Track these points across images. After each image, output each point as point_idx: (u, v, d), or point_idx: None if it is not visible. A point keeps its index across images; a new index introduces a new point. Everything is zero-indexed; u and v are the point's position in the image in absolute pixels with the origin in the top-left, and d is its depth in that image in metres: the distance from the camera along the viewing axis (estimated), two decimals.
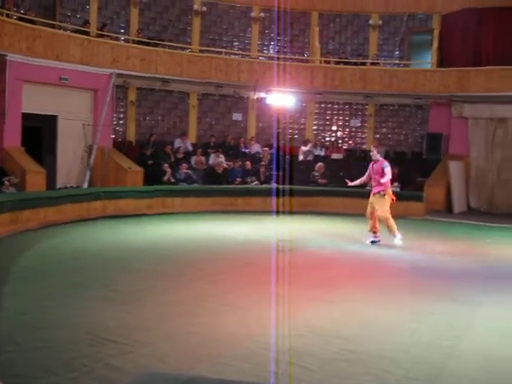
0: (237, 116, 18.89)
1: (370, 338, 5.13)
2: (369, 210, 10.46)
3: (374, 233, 10.46)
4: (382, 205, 10.22)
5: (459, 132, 17.74)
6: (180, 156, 16.44)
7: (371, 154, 10.76)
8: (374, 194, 10.39)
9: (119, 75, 15.96)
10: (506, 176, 17.17)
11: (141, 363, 4.33)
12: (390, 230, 10.35)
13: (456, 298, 6.73)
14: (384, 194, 10.23)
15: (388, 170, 10.20)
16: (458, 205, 16.58)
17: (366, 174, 10.89)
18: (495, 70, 16.84)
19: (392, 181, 10.68)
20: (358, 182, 11.06)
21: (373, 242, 10.41)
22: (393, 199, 10.36)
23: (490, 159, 17.39)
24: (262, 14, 19.03)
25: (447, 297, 6.78)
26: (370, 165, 10.71)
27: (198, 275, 7.44)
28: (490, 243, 11.39)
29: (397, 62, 19.27)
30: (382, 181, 10.14)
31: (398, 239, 10.30)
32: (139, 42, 16.55)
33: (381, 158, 10.60)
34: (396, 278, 7.96)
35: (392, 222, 10.32)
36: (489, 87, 16.78)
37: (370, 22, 19.32)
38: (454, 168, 16.73)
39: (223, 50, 18.27)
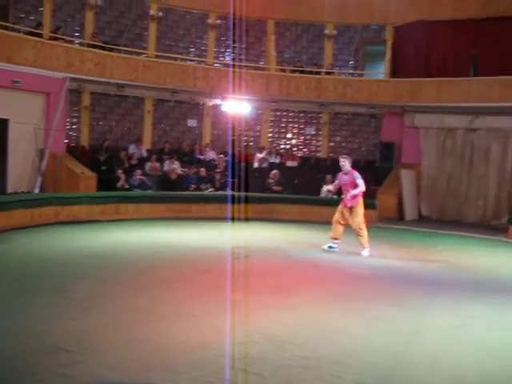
0: (192, 122, 18.87)
1: (323, 344, 5.19)
2: (336, 216, 10.48)
3: (335, 239, 10.53)
4: (355, 216, 10.31)
5: (411, 141, 18.16)
6: (134, 162, 16.29)
7: (341, 164, 10.66)
8: (346, 206, 10.42)
9: (73, 79, 15.73)
10: (455, 185, 17.64)
11: (93, 372, 4.28)
12: (362, 242, 10.40)
13: (407, 304, 6.87)
14: (356, 207, 10.31)
15: (361, 182, 10.26)
16: (410, 212, 16.94)
17: (335, 183, 10.99)
18: (445, 81, 17.29)
19: (365, 193, 10.64)
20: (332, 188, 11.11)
21: (330, 247, 10.49)
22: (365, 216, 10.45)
23: (441, 168, 17.84)
24: (219, 21, 19.06)
25: (398, 302, 6.92)
26: (339, 175, 10.74)
27: (152, 282, 7.39)
28: (440, 250, 11.67)
29: (351, 71, 19.59)
30: (354, 192, 10.19)
31: (366, 251, 10.35)
32: (94, 46, 16.31)
33: (350, 169, 10.59)
34: (349, 284, 8.06)
35: (365, 234, 10.37)
36: (439, 98, 17.22)
37: (325, 31, 19.59)
38: (406, 176, 17.10)
39: (179, 56, 18.23)
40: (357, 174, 10.38)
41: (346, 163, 10.55)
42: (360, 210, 10.34)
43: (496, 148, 17.10)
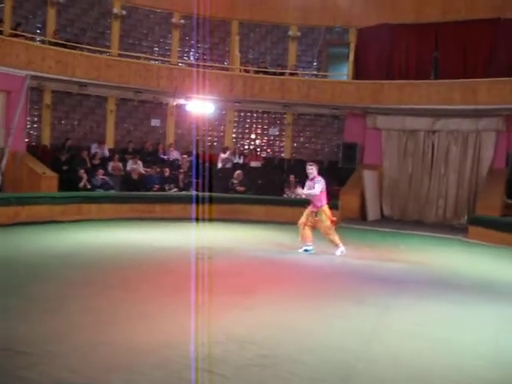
0: (155, 122, 18.77)
1: (283, 342, 5.22)
2: (302, 219, 10.55)
3: (307, 243, 10.58)
4: (320, 223, 10.40)
5: (373, 142, 18.41)
6: (96, 162, 16.12)
7: (308, 172, 10.66)
8: (313, 211, 10.50)
9: (34, 77, 15.46)
10: (416, 185, 17.95)
11: (52, 375, 4.21)
12: (333, 242, 10.50)
13: (367, 302, 6.98)
14: (321, 214, 10.40)
15: (317, 187, 10.32)
16: (372, 213, 17.15)
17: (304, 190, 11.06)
18: (407, 83, 17.57)
19: (328, 198, 10.71)
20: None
21: (306, 251, 10.53)
22: (332, 220, 10.48)
23: (402, 169, 18.13)
24: (183, 21, 18.99)
25: (358, 300, 7.03)
26: (307, 182, 10.80)
27: (117, 283, 7.33)
28: (402, 250, 11.86)
29: (315, 73, 19.73)
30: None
31: (339, 251, 10.43)
32: (56, 44, 16.06)
33: (316, 175, 10.64)
34: (311, 283, 8.14)
35: (334, 236, 10.47)
36: (401, 100, 17.49)
37: (289, 33, 19.70)
38: (368, 177, 17.31)
39: (143, 55, 18.09)
40: (319, 179, 10.47)
41: (313, 170, 10.62)
42: (325, 217, 10.41)
43: (456, 150, 17.47)
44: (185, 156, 17.67)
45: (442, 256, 11.57)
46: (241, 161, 18.62)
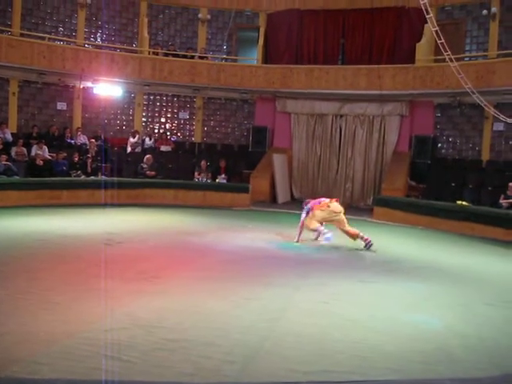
0: (61, 105, 18.13)
1: (192, 326, 5.23)
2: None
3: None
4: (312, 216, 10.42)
5: (283, 126, 18.67)
6: None
7: None
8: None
9: None
10: (324, 168, 18.39)
11: None
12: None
13: (277, 283, 7.11)
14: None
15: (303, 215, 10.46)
16: (282, 195, 17.43)
17: None
18: (315, 68, 17.91)
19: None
20: None
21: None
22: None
23: (311, 152, 18.49)
24: (89, 0, 18.38)
25: (269, 282, 7.14)
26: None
27: (18, 272, 7.02)
28: (251, 228, 11.98)
29: (224, 56, 19.69)
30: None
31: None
32: None
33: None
34: (221, 266, 8.16)
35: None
36: (310, 85, 17.80)
37: (199, 15, 19.55)
38: (278, 160, 17.56)
39: (47, 35, 17.36)
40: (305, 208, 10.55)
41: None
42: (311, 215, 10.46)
43: (362, 133, 18.01)
44: (93, 140, 17.20)
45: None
46: (152, 144, 18.38)
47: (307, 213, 10.44)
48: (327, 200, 10.53)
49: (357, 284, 7.37)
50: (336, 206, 10.37)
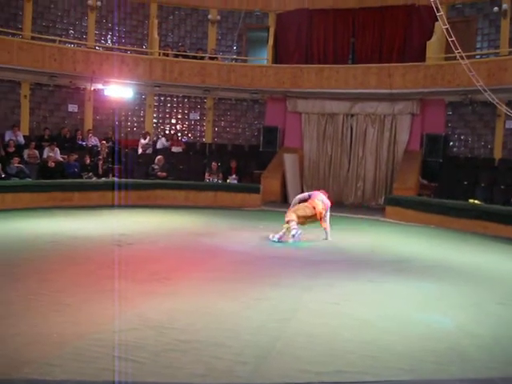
0: (73, 108, 18.21)
1: (203, 327, 5.23)
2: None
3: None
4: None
5: (294, 126, 18.65)
6: (11, 149, 15.51)
7: None
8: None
9: None
10: (336, 167, 18.34)
11: None
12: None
13: (287, 284, 7.09)
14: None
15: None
16: (293, 195, 17.31)
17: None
18: (326, 68, 17.84)
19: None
20: None
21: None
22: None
23: (322, 152, 18.45)
24: (99, 3, 18.46)
25: (278, 283, 7.12)
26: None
27: (30, 274, 7.06)
28: (262, 229, 11.86)
29: (234, 57, 19.70)
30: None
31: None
32: None
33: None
34: (231, 267, 8.15)
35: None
36: (320, 84, 17.75)
37: (209, 16, 19.56)
38: (289, 160, 17.53)
39: (57, 38, 17.45)
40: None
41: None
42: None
43: (373, 132, 17.94)
44: (104, 142, 17.26)
45: (359, 236, 11.86)
46: (168, 144, 18.42)
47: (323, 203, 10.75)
48: (320, 203, 10.73)
49: (367, 284, 7.34)
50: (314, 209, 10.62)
